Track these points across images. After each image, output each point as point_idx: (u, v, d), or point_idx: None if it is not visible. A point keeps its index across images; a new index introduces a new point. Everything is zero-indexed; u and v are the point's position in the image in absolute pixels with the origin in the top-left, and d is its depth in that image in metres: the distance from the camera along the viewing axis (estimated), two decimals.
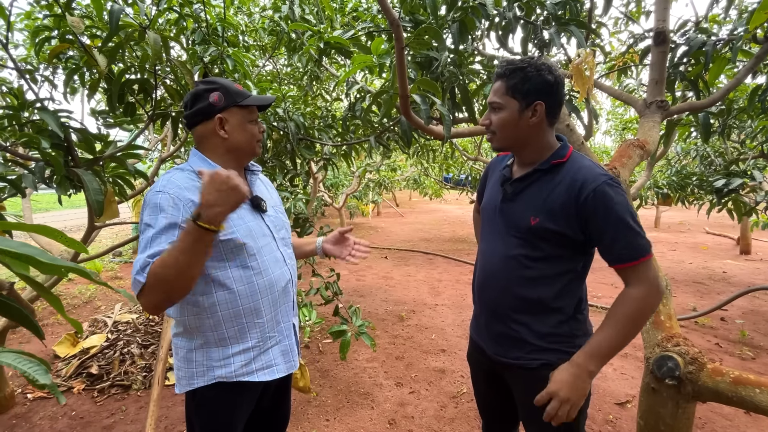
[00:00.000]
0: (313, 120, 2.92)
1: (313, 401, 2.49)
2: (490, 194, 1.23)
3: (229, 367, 1.09)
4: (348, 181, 9.48)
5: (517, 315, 1.10)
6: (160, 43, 1.55)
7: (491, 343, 1.19)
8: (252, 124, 1.16)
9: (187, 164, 1.15)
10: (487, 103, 1.13)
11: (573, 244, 1.04)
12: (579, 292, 1.10)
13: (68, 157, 1.72)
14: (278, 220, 1.26)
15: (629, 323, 0.97)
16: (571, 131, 1.73)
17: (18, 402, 2.47)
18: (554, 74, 1.02)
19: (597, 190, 0.97)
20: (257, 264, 1.10)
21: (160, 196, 1.01)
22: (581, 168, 1.03)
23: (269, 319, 1.14)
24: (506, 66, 1.07)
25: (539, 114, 1.04)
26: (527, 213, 1.06)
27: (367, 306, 4.24)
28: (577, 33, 1.96)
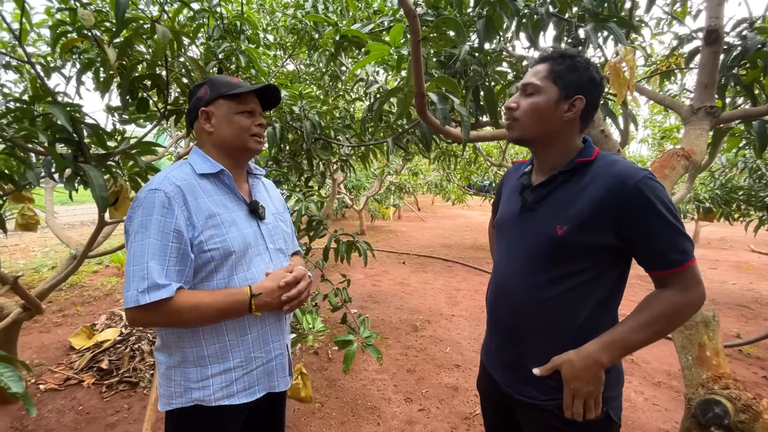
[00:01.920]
0: (332, 119, 2.84)
1: (317, 412, 2.39)
2: (507, 205, 1.10)
3: (207, 390, 0.99)
4: (370, 183, 9.41)
5: (536, 342, 0.96)
6: (169, 37, 1.50)
7: (502, 373, 1.05)
8: (242, 115, 1.06)
9: (187, 161, 1.09)
10: (520, 85, 0.99)
11: (607, 256, 0.90)
12: (612, 316, 0.94)
13: (78, 152, 1.71)
14: (276, 230, 1.17)
15: (662, 324, 0.86)
16: (606, 138, 1.56)
17: (30, 393, 2.49)
18: (600, 75, 0.93)
19: (639, 186, 0.83)
20: (244, 276, 1.01)
21: (155, 195, 0.94)
22: (614, 163, 0.89)
23: (255, 337, 1.03)
24: (554, 51, 0.95)
25: (577, 110, 0.92)
26: (552, 221, 0.92)
27: (381, 313, 4.12)
28: (617, 31, 1.79)
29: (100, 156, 1.79)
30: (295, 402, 2.43)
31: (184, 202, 0.95)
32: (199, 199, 0.98)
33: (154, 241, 0.90)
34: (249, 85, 1.09)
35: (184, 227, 0.94)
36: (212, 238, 0.97)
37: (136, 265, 0.89)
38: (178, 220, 0.93)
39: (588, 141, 0.98)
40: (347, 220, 11.61)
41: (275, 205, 1.24)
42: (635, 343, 0.86)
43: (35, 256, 6.13)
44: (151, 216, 0.92)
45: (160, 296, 0.87)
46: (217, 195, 1.03)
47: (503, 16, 1.80)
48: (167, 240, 0.91)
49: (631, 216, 0.85)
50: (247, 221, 1.07)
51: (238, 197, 1.08)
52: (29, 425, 2.20)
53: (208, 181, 1.05)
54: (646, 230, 0.84)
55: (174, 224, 0.92)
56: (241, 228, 1.04)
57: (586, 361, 0.87)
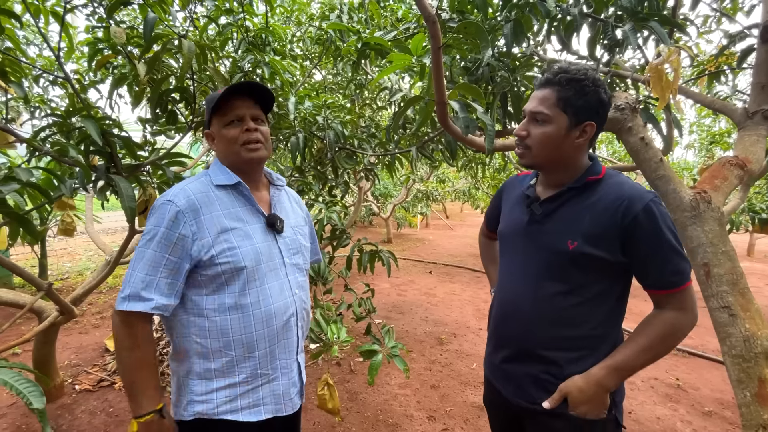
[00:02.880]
0: (356, 129, 2.83)
1: (337, 427, 2.34)
2: (510, 217, 1.09)
3: (210, 403, 0.98)
4: (397, 191, 9.38)
5: (548, 354, 0.97)
6: (194, 51, 1.53)
7: (511, 386, 1.04)
8: (229, 127, 1.03)
9: (207, 172, 1.10)
10: (527, 111, 0.97)
11: (613, 270, 0.93)
12: (618, 328, 0.99)
13: (110, 164, 1.77)
14: (295, 243, 1.13)
15: (661, 346, 0.91)
16: (646, 146, 1.43)
17: (66, 392, 2.60)
18: (608, 93, 0.93)
19: (646, 209, 0.88)
20: (256, 291, 0.99)
21: (167, 207, 0.96)
22: (623, 184, 0.93)
23: (263, 354, 1.00)
24: (560, 74, 0.92)
25: (588, 136, 0.94)
26: (563, 236, 0.94)
27: (405, 324, 4.03)
28: (659, 30, 1.66)
29: (131, 166, 1.86)
30: (316, 415, 2.40)
31: (194, 217, 0.95)
32: (213, 213, 0.98)
33: (151, 252, 0.93)
34: (221, 90, 1.03)
35: (188, 242, 0.94)
36: (223, 252, 0.96)
37: (132, 271, 0.93)
38: (183, 235, 0.94)
39: (595, 159, 1.00)
40: (374, 228, 11.61)
41: (296, 216, 1.21)
42: (637, 366, 0.92)
43: (80, 260, 6.51)
44: (159, 227, 0.94)
45: (135, 308, 0.90)
46: (234, 207, 1.02)
47: (532, 19, 1.71)
48: (165, 252, 0.92)
49: (637, 238, 0.88)
50: (263, 235, 1.04)
51: (256, 209, 1.06)
52: (64, 425, 2.29)
53: (226, 192, 1.03)
54: (651, 252, 0.88)
55: (176, 237, 0.93)
56: (256, 242, 1.01)
57: (594, 387, 0.91)
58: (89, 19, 1.78)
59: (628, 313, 1.00)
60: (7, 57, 1.68)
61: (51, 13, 1.77)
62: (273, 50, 2.32)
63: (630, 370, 0.92)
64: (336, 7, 2.54)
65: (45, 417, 0.95)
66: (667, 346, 0.91)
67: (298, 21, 2.92)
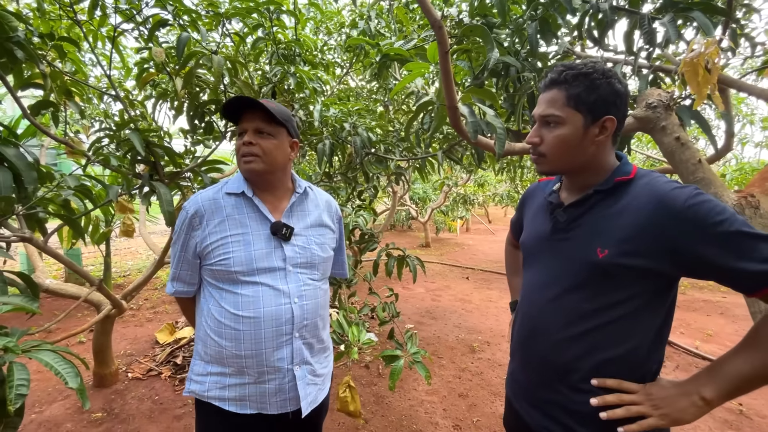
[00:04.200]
0: (386, 134, 2.86)
1: (361, 429, 2.36)
2: (533, 225, 1.01)
3: (203, 385, 1.08)
4: (436, 195, 9.29)
5: (576, 380, 0.86)
6: (223, 65, 1.64)
7: (535, 412, 0.94)
8: (238, 138, 1.09)
9: (226, 180, 1.18)
10: (536, 116, 0.90)
11: (655, 282, 0.80)
12: (661, 348, 0.85)
13: (153, 171, 1.94)
14: (305, 252, 1.12)
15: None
16: (682, 146, 1.32)
17: (120, 379, 2.86)
18: (623, 83, 0.85)
19: (689, 206, 0.74)
20: (248, 293, 1.04)
21: (182, 213, 1.11)
22: (656, 182, 0.81)
23: (249, 355, 1.04)
24: (565, 71, 0.85)
25: (609, 131, 0.85)
26: (592, 244, 0.84)
27: (438, 330, 3.98)
28: (702, 20, 1.53)
29: (172, 174, 2.02)
30: (341, 416, 2.43)
31: (200, 222, 1.07)
32: (217, 219, 1.07)
33: (176, 251, 1.11)
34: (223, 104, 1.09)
35: (196, 243, 1.08)
36: (219, 256, 1.05)
37: (171, 260, 1.13)
38: (193, 237, 1.08)
39: (624, 158, 0.90)
40: (413, 232, 11.58)
41: (319, 224, 1.20)
42: (750, 375, 0.73)
43: (141, 258, 7.13)
44: (177, 229, 1.12)
45: (167, 290, 1.18)
46: (239, 214, 1.08)
47: (557, 17, 1.65)
48: (183, 251, 1.11)
49: (691, 242, 0.74)
50: (266, 241, 1.08)
51: (262, 216, 1.10)
52: (116, 408, 2.52)
53: (235, 199, 1.10)
54: (716, 253, 0.73)
55: (189, 239, 1.09)
56: (252, 248, 1.05)
57: (687, 389, 0.78)
58: (138, 40, 1.97)
59: (686, 328, 0.86)
60: (70, 78, 1.91)
61: (107, 38, 1.99)
62: (303, 61, 2.42)
63: (736, 383, 0.74)
64: (365, 15, 2.60)
65: (84, 394, 1.06)
66: None
67: (328, 30, 3.02)
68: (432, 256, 8.09)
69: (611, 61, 2.01)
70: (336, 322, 2.06)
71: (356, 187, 2.82)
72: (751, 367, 0.73)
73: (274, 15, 1.88)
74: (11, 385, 0.95)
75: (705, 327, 4.16)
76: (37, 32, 1.61)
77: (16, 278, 1.27)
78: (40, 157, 3.25)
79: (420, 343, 3.63)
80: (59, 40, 1.67)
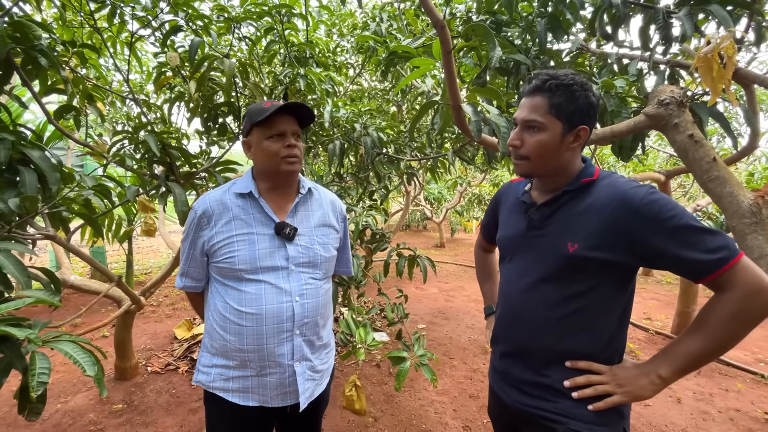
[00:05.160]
0: (398, 134, 2.86)
1: (370, 427, 2.38)
2: (508, 224, 1.09)
3: (209, 376, 1.13)
4: (451, 195, 9.23)
5: (553, 360, 0.96)
6: (233, 68, 1.68)
7: (512, 391, 1.03)
8: (271, 140, 1.11)
9: (235, 180, 1.21)
10: (519, 119, 0.96)
11: (619, 273, 0.90)
12: (624, 331, 0.96)
13: (169, 172, 2.00)
14: (308, 251, 1.15)
15: (728, 326, 0.80)
16: (695, 144, 1.28)
17: (140, 373, 2.97)
18: (596, 96, 0.93)
19: (643, 204, 0.84)
20: (251, 290, 1.08)
21: (191, 212, 1.16)
22: (616, 181, 0.91)
23: (251, 349, 1.08)
24: (549, 80, 0.91)
25: (582, 139, 0.94)
26: (563, 239, 0.92)
27: (450, 331, 3.96)
28: (720, 13, 1.48)
29: (187, 174, 2.08)
30: (351, 414, 2.45)
31: (208, 222, 1.11)
32: (224, 219, 1.11)
33: (185, 248, 1.16)
34: (275, 106, 1.09)
35: (203, 242, 1.13)
36: (224, 255, 1.09)
37: (181, 257, 1.18)
38: (201, 236, 1.12)
39: (587, 160, 0.99)
40: (428, 232, 11.53)
41: (324, 224, 1.22)
42: (700, 354, 0.83)
43: (162, 256, 7.35)
44: (187, 228, 1.16)
45: (177, 285, 1.22)
46: (245, 215, 1.11)
47: (566, 12, 1.62)
48: (191, 249, 1.16)
49: (646, 236, 0.83)
50: (270, 240, 1.11)
51: (267, 217, 1.13)
52: (135, 401, 2.61)
53: (241, 199, 1.13)
54: (668, 245, 0.82)
55: (197, 238, 1.14)
56: (258, 248, 1.09)
57: (645, 370, 0.88)
58: (155, 45, 2.04)
59: None
60: (92, 83, 1.99)
61: (126, 44, 2.07)
62: (315, 62, 2.45)
63: (688, 362, 0.84)
64: (376, 17, 2.61)
65: (101, 382, 1.11)
66: (735, 330, 0.80)
67: (340, 32, 3.05)
68: (446, 256, 8.04)
69: (627, 57, 1.97)
70: (344, 322, 2.08)
71: (368, 187, 2.84)
72: (699, 346, 0.83)
73: (285, 18, 1.92)
74: (33, 373, 1.00)
75: None
76: (60, 40, 1.69)
77: (40, 274, 1.34)
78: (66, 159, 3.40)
79: (431, 344, 3.62)
80: (81, 47, 1.75)
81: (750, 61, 2.21)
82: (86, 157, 4.80)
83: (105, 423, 2.35)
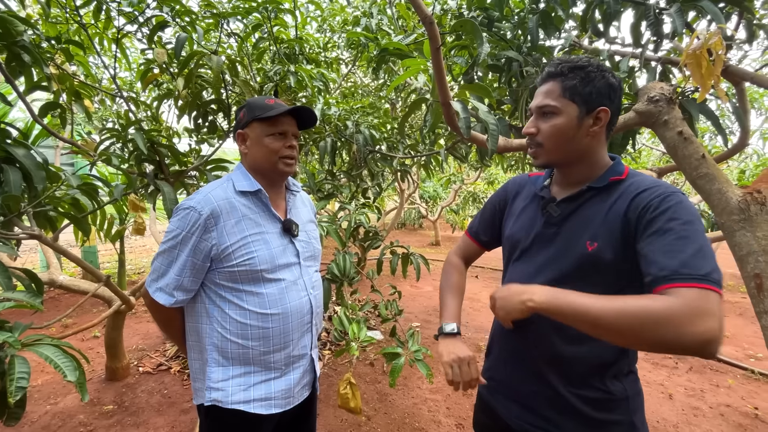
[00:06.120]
0: (391, 131, 2.85)
1: (363, 426, 2.37)
2: (522, 220, 1.01)
3: (225, 390, 1.05)
4: (447, 193, 9.24)
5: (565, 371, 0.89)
6: (222, 64, 1.66)
7: (513, 406, 0.95)
8: (272, 138, 1.09)
9: (230, 177, 1.16)
10: (533, 107, 0.92)
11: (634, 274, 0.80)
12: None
13: (158, 170, 1.98)
14: (309, 246, 1.21)
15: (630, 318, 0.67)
16: (685, 141, 1.28)
17: (131, 373, 2.94)
18: (616, 77, 0.87)
19: (663, 196, 0.77)
20: (273, 290, 1.07)
21: (190, 215, 1.03)
22: (643, 180, 0.84)
23: (278, 349, 1.08)
24: (561, 64, 0.87)
25: (603, 122, 0.87)
26: (582, 237, 0.86)
27: None
28: (711, 8, 1.48)
29: (177, 172, 2.05)
30: (344, 412, 2.45)
31: (215, 224, 1.03)
32: (234, 219, 1.04)
33: (180, 256, 1.03)
34: (282, 107, 1.09)
35: (210, 246, 1.02)
36: (242, 257, 1.03)
37: (166, 268, 1.04)
38: (205, 240, 1.02)
39: (617, 159, 0.93)
40: (423, 230, 11.53)
41: (308, 219, 1.28)
42: (584, 310, 0.71)
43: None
44: (182, 230, 1.03)
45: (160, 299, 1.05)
46: (253, 213, 1.09)
47: (557, 9, 1.61)
48: (190, 256, 1.02)
49: (646, 223, 0.76)
50: (279, 238, 1.11)
51: (273, 215, 1.13)
52: (126, 401, 2.58)
53: (247, 198, 1.10)
54: (657, 239, 0.73)
55: (200, 242, 1.02)
56: (272, 246, 1.08)
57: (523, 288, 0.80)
58: (142, 42, 2.01)
59: None
60: (78, 80, 1.96)
61: (113, 41, 2.03)
62: (306, 59, 2.43)
63: (571, 304, 0.72)
64: (367, 12, 2.59)
65: (84, 387, 1.09)
66: (635, 325, 0.66)
67: (331, 28, 3.02)
68: (442, 254, 8.04)
69: (618, 53, 1.96)
70: (337, 319, 2.07)
71: (360, 185, 2.82)
72: (590, 303, 0.71)
73: (273, 14, 1.89)
74: (12, 378, 0.97)
75: None
76: (45, 36, 1.66)
77: (21, 274, 1.32)
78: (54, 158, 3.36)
79: (426, 341, 3.62)
80: (66, 43, 1.72)
81: (741, 59, 2.22)
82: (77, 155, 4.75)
83: (95, 424, 2.33)
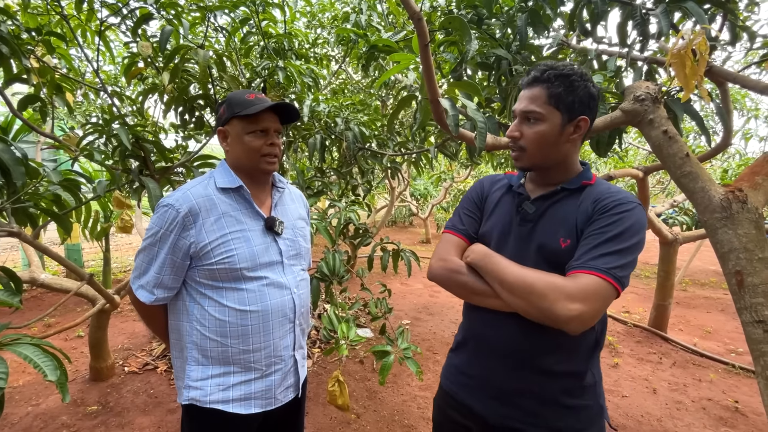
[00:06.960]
0: (381, 128, 2.84)
1: (352, 423, 2.37)
2: (497, 217, 1.03)
3: (204, 390, 1.04)
4: (437, 191, 9.26)
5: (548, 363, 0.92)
6: (208, 59, 1.63)
7: (494, 403, 0.95)
8: (253, 135, 1.07)
9: (213, 173, 1.15)
10: (518, 111, 0.94)
11: None
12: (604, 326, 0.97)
13: (143, 167, 1.94)
14: (294, 245, 1.17)
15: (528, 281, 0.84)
16: (670, 140, 1.29)
17: (116, 373, 2.89)
18: (596, 87, 0.92)
19: (617, 201, 0.87)
20: (254, 288, 1.04)
21: (168, 212, 1.01)
22: (611, 187, 0.92)
23: (258, 348, 1.05)
24: (548, 70, 0.89)
25: (582, 130, 0.92)
26: (556, 235, 0.91)
27: (434, 326, 3.98)
28: (695, 10, 1.50)
29: (163, 169, 2.01)
30: (333, 411, 2.44)
31: (194, 221, 1.01)
32: (213, 216, 1.03)
33: (159, 254, 1.02)
34: (263, 102, 1.06)
35: (189, 244, 1.01)
36: (221, 255, 1.02)
37: (147, 265, 1.03)
38: (184, 238, 1.01)
39: (587, 165, 0.99)
40: (414, 228, 11.56)
41: (298, 216, 1.24)
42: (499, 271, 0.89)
43: None
44: (161, 229, 1.01)
45: (141, 297, 1.05)
46: (234, 210, 1.07)
47: (546, 8, 1.62)
48: (170, 254, 1.01)
49: (593, 222, 0.86)
50: (262, 236, 1.09)
51: (256, 212, 1.10)
52: (111, 402, 2.54)
53: (228, 195, 1.08)
54: (591, 237, 0.85)
55: (179, 240, 1.01)
56: (254, 244, 1.06)
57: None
58: (126, 35, 1.96)
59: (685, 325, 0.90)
60: (60, 73, 1.91)
61: (96, 33, 1.98)
62: (295, 54, 2.40)
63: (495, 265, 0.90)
64: (357, 8, 2.57)
65: (65, 387, 1.06)
66: (525, 290, 0.84)
67: (321, 24, 3.00)
68: (432, 251, 8.08)
69: (605, 53, 1.98)
70: (326, 318, 2.06)
71: (350, 182, 2.81)
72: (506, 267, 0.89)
73: (261, 8, 1.87)
74: None
75: (704, 324, 4.12)
76: (24, 27, 1.61)
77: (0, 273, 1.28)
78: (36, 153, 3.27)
79: (416, 339, 3.63)
80: (47, 34, 1.67)
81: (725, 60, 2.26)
82: (59, 151, 4.63)
83: (79, 425, 2.28)
